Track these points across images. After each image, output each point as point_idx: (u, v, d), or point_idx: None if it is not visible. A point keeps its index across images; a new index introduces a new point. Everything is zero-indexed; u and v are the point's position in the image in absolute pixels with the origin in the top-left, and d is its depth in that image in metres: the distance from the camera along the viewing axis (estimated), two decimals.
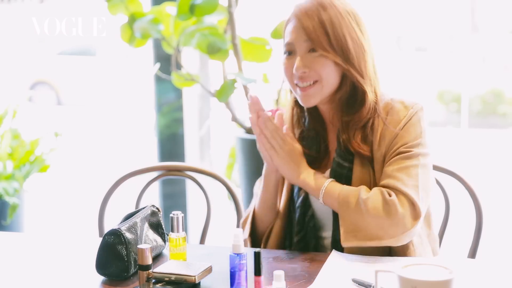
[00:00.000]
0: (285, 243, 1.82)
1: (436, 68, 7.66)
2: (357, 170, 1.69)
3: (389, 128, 1.67)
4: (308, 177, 1.70)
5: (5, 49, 8.05)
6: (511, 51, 7.41)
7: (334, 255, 1.63)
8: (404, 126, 1.67)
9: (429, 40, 7.73)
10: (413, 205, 1.60)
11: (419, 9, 7.38)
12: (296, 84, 1.70)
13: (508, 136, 6.96)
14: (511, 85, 7.53)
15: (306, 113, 1.80)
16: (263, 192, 1.81)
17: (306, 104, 1.71)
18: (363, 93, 1.68)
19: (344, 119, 1.71)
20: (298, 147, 1.73)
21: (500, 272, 1.53)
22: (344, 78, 1.69)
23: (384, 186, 1.64)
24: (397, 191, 1.61)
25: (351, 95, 1.70)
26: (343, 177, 1.70)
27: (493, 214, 4.06)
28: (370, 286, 1.44)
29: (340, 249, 1.67)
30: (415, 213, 1.60)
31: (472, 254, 1.89)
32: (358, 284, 1.46)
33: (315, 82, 1.67)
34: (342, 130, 1.71)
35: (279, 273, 1.34)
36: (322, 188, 1.67)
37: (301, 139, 1.78)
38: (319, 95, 1.69)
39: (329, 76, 1.67)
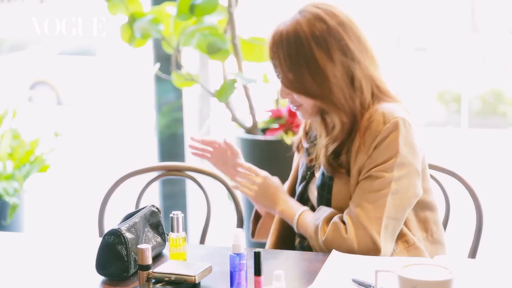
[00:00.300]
0: (286, 240, 1.84)
1: (436, 68, 7.65)
2: (337, 182, 1.72)
3: (366, 142, 1.66)
4: (285, 209, 1.80)
5: (5, 49, 8.05)
6: (511, 51, 7.40)
7: (334, 255, 1.63)
8: (377, 144, 1.64)
9: (429, 40, 7.72)
10: (372, 241, 1.61)
11: (419, 9, 7.37)
12: None
13: (508, 136, 6.95)
14: (511, 85, 7.52)
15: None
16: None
17: (302, 119, 1.80)
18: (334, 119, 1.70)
19: (323, 142, 1.74)
20: (267, 176, 1.83)
21: (500, 272, 1.53)
22: None
23: (349, 213, 1.65)
24: (358, 224, 1.62)
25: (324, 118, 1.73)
26: (326, 186, 1.73)
27: (493, 214, 4.05)
28: (370, 286, 1.44)
29: None
30: (375, 249, 1.62)
31: (472, 254, 1.89)
32: (358, 284, 1.46)
33: (298, 106, 1.74)
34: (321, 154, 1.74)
35: (279, 273, 1.34)
36: (294, 221, 1.77)
37: (312, 146, 1.82)
38: (308, 115, 1.74)
39: (306, 103, 1.71)
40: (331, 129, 1.71)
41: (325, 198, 1.73)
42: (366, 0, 6.65)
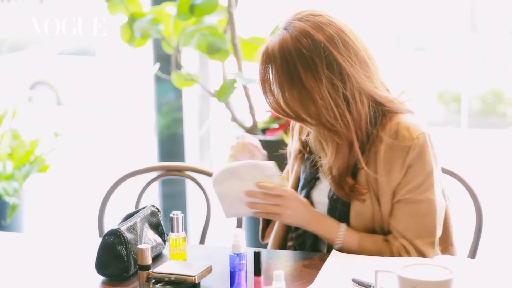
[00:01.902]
0: (286, 241, 1.83)
1: (436, 68, 7.65)
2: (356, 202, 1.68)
3: (396, 159, 1.63)
4: (320, 229, 1.69)
5: (4, 49, 8.04)
6: (511, 51, 7.40)
7: (334, 255, 1.63)
8: (411, 163, 1.62)
9: (429, 40, 7.72)
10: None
11: (419, 9, 7.37)
12: None
13: (508, 136, 6.95)
14: (511, 85, 7.52)
15: None
16: None
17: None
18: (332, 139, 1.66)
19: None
20: (298, 198, 1.69)
21: (500, 272, 1.53)
22: None
23: (402, 236, 1.64)
24: (409, 251, 1.63)
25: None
26: (340, 199, 1.69)
27: (493, 214, 4.05)
28: (370, 286, 1.44)
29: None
30: None
31: (472, 254, 1.89)
32: (358, 284, 1.46)
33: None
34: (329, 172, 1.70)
35: (279, 273, 1.34)
36: (338, 241, 1.67)
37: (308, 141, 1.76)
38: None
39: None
40: (327, 149, 1.67)
41: (338, 210, 1.70)
42: (366, 0, 6.65)
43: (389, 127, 1.65)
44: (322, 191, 1.75)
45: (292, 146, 1.86)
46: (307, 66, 1.58)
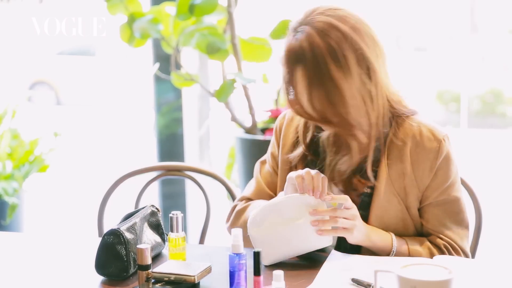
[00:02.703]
0: None
1: (435, 68, 7.65)
2: (377, 200, 1.65)
3: (423, 161, 1.63)
4: (378, 239, 1.63)
5: (4, 49, 8.04)
6: (510, 51, 7.40)
7: (334, 255, 1.62)
8: (440, 165, 1.63)
9: (429, 40, 7.72)
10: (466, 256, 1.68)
11: (418, 9, 7.37)
12: None
13: (507, 136, 6.95)
14: (511, 85, 7.52)
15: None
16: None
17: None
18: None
19: (334, 159, 1.66)
20: (356, 212, 1.60)
21: (500, 272, 1.53)
22: None
23: (441, 242, 1.65)
24: (454, 250, 1.65)
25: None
26: (357, 205, 1.64)
27: (492, 214, 4.05)
28: (370, 286, 1.44)
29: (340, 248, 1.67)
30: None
31: (472, 254, 1.89)
32: (358, 284, 1.46)
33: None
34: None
35: (279, 273, 1.34)
36: (393, 249, 1.63)
37: (313, 142, 1.72)
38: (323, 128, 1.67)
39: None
40: (345, 148, 1.63)
41: None
42: (365, 0, 6.65)
43: (409, 128, 1.64)
44: None
45: (294, 152, 1.74)
46: (337, 61, 1.50)
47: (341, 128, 1.58)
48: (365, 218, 1.65)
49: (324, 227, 1.55)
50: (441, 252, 1.64)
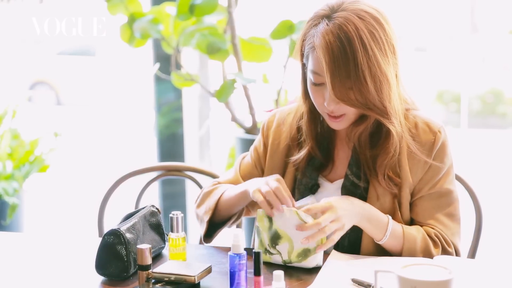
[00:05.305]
0: None
1: (435, 68, 7.66)
2: (374, 193, 1.65)
3: (418, 154, 1.63)
4: (372, 212, 1.61)
5: (4, 49, 8.04)
6: (510, 51, 7.40)
7: (334, 255, 1.63)
8: (435, 156, 1.64)
9: (429, 40, 7.72)
10: (458, 252, 1.67)
11: (418, 9, 7.37)
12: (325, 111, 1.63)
13: (507, 136, 6.95)
14: (511, 85, 7.52)
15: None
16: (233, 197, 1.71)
17: (333, 127, 1.66)
18: (388, 130, 1.61)
19: (369, 154, 1.64)
20: (336, 198, 1.59)
21: (500, 272, 1.53)
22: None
23: (432, 230, 1.64)
24: (446, 241, 1.65)
25: (376, 131, 1.64)
26: (356, 196, 1.64)
27: (493, 214, 4.06)
28: (370, 286, 1.44)
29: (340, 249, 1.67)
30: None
31: (472, 254, 1.89)
32: (358, 284, 1.46)
33: (342, 115, 1.61)
34: (366, 165, 1.65)
35: (279, 273, 1.34)
36: (389, 227, 1.61)
37: (315, 142, 1.71)
38: (347, 123, 1.63)
39: (355, 112, 1.61)
40: (379, 140, 1.63)
41: None
42: (365, 0, 6.64)
43: (408, 121, 1.66)
44: (330, 196, 1.66)
45: (297, 155, 1.73)
46: (378, 44, 1.54)
47: (382, 116, 1.58)
48: None
49: (322, 247, 1.54)
50: (433, 241, 1.63)
